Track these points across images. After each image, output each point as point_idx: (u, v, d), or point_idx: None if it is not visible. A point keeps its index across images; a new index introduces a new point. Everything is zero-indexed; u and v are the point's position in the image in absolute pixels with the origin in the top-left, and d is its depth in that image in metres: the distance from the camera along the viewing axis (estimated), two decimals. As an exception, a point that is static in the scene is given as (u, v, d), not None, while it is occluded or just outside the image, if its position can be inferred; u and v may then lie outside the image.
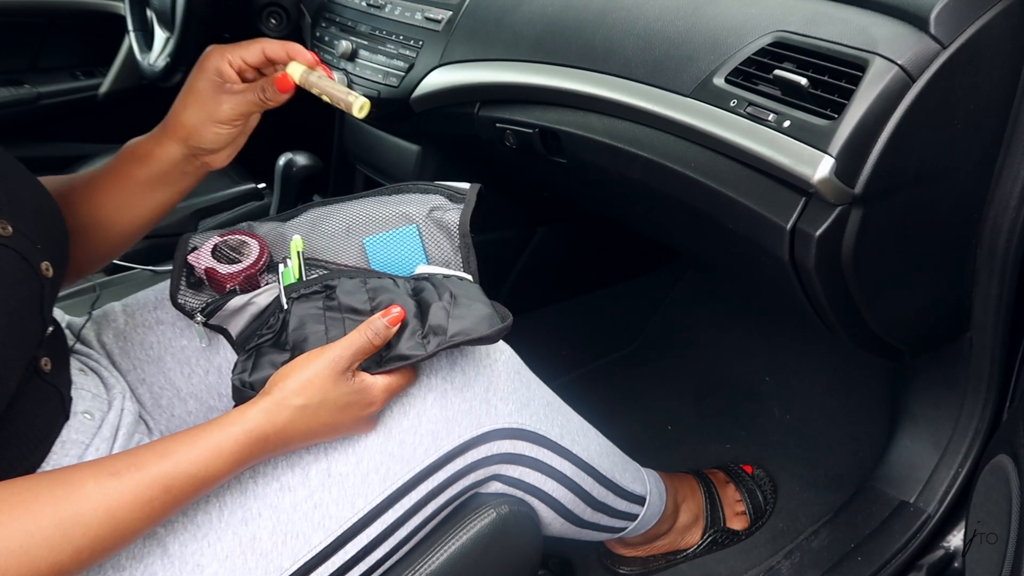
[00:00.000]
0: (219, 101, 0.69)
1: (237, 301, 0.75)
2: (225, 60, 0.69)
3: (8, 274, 0.56)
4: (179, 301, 0.76)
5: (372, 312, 0.70)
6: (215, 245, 0.77)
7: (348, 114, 0.68)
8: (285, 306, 0.72)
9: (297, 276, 0.75)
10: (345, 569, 0.66)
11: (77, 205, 0.73)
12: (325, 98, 0.67)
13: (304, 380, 0.62)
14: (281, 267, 0.77)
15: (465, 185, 0.84)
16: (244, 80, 0.71)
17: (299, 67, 0.68)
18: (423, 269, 0.77)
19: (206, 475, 0.58)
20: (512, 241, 1.34)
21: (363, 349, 0.64)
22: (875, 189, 0.66)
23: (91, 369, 0.74)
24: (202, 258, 0.76)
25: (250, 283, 0.76)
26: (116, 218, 0.74)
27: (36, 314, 0.60)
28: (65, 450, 0.64)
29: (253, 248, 0.78)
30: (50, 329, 0.64)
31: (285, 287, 0.74)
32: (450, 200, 0.83)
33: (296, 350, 0.67)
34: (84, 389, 0.69)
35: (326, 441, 0.67)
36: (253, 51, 0.69)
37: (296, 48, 0.68)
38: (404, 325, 0.68)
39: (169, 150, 0.72)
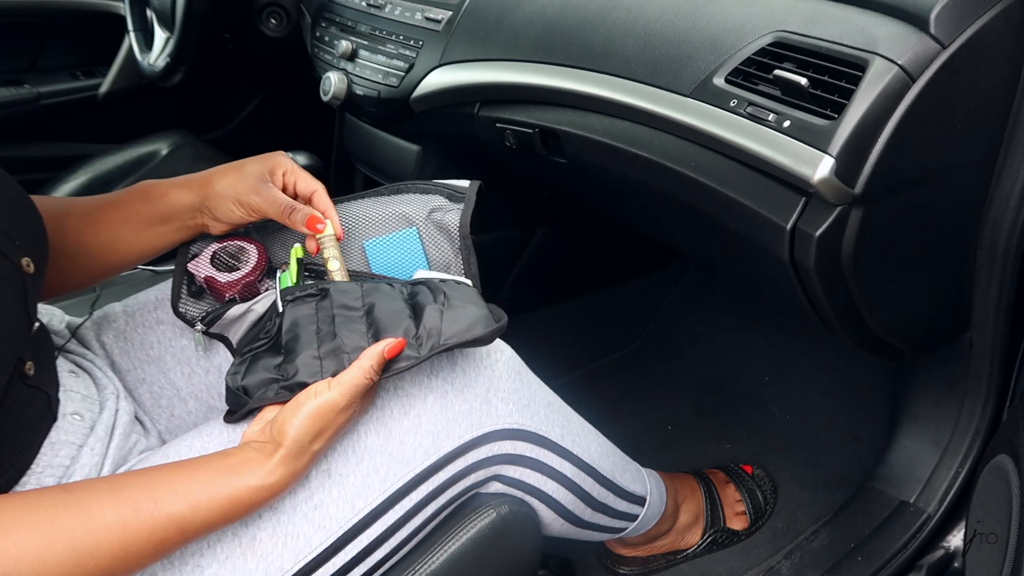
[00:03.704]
0: (254, 189, 0.74)
1: (236, 310, 0.75)
2: (284, 168, 0.76)
3: None
4: (180, 310, 0.77)
5: (363, 310, 0.69)
6: (214, 252, 0.77)
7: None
8: (280, 310, 0.72)
9: (295, 281, 0.75)
10: (346, 570, 0.66)
11: (73, 230, 0.74)
12: (327, 266, 0.74)
13: (318, 429, 0.61)
14: (279, 272, 0.77)
15: (465, 183, 0.84)
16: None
17: (331, 231, 0.75)
18: (421, 275, 0.77)
19: (222, 522, 0.59)
20: (512, 241, 1.34)
21: (362, 388, 0.63)
22: (875, 189, 0.66)
23: (84, 370, 0.74)
24: (201, 266, 0.76)
25: (249, 290, 0.76)
26: (107, 249, 0.76)
27: (21, 310, 0.60)
28: (55, 451, 0.64)
29: (252, 254, 0.78)
30: (36, 325, 0.64)
31: (281, 291, 0.73)
32: (450, 200, 0.82)
33: (289, 353, 0.67)
34: (74, 391, 0.69)
35: None
36: (307, 184, 0.76)
37: (335, 217, 0.75)
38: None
39: (184, 196, 0.76)
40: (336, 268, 0.73)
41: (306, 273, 0.76)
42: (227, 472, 0.59)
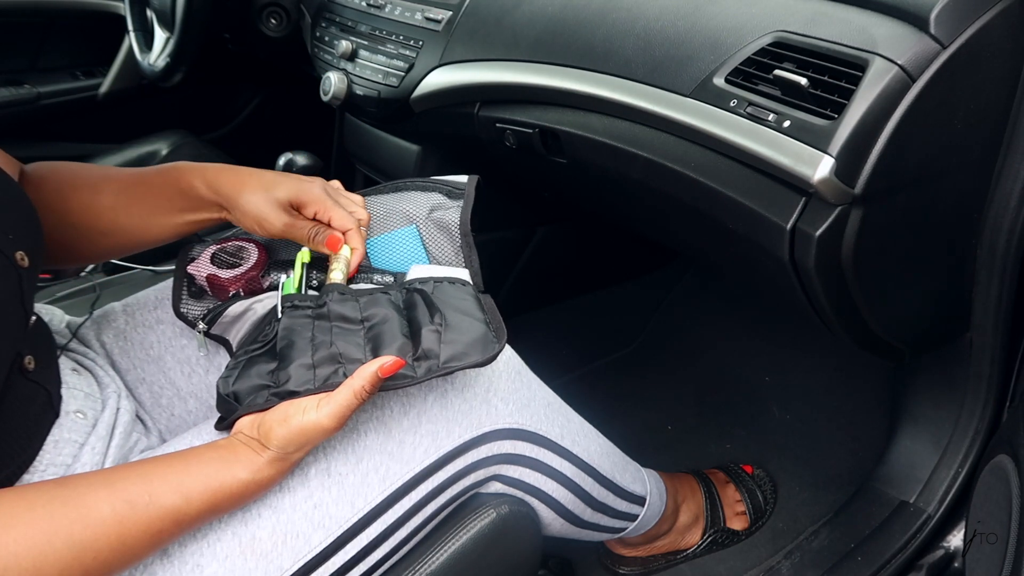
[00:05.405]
0: (277, 218, 0.75)
1: (237, 307, 0.75)
2: (316, 208, 0.76)
3: None
4: (181, 310, 0.77)
5: (361, 322, 0.69)
6: (213, 252, 0.77)
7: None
8: (280, 315, 0.71)
9: (297, 288, 0.74)
10: (345, 569, 0.66)
11: (107, 209, 0.75)
12: (329, 274, 0.74)
13: (301, 443, 0.61)
14: (283, 277, 0.77)
15: (463, 178, 0.84)
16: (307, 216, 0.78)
17: (347, 252, 0.75)
18: (418, 270, 0.77)
19: (213, 513, 0.60)
20: (512, 241, 1.34)
21: (352, 409, 0.62)
22: (875, 189, 0.66)
23: (85, 368, 0.74)
24: (202, 266, 0.76)
25: (252, 285, 0.76)
26: (139, 229, 0.77)
27: (17, 305, 0.61)
28: (59, 449, 0.64)
29: (252, 252, 0.78)
30: (33, 319, 0.64)
31: (283, 296, 0.73)
32: (448, 197, 0.82)
33: (283, 360, 0.66)
34: (76, 388, 0.69)
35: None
36: (342, 223, 0.76)
37: (359, 254, 0.76)
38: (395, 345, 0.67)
39: (211, 196, 0.76)
40: (339, 279, 0.73)
41: (313, 282, 0.76)
42: (218, 464, 0.60)
